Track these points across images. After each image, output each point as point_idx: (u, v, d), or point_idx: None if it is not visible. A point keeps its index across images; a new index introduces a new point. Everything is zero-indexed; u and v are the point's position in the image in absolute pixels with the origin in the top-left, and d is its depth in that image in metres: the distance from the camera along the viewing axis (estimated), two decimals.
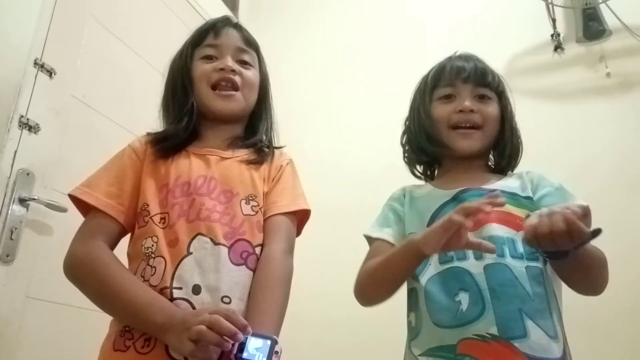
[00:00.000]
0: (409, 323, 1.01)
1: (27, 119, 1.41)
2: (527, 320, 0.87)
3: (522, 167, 1.09)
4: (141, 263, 0.90)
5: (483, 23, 2.21)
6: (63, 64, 1.55)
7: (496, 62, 2.06)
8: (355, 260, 1.06)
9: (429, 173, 1.19)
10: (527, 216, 0.86)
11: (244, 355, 0.75)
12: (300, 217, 1.03)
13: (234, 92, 1.04)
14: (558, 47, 2.05)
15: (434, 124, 1.08)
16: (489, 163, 1.13)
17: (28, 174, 1.39)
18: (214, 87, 1.04)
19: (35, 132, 1.43)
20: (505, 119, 1.09)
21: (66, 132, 1.54)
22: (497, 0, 2.25)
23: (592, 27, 1.99)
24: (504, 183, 1.04)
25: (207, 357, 0.75)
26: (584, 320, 1.66)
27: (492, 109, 1.07)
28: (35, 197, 1.38)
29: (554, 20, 2.07)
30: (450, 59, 1.13)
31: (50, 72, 1.50)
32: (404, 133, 1.17)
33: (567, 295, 1.67)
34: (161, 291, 0.85)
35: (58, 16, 1.54)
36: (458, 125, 1.05)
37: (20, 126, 1.39)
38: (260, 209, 0.98)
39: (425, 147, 1.10)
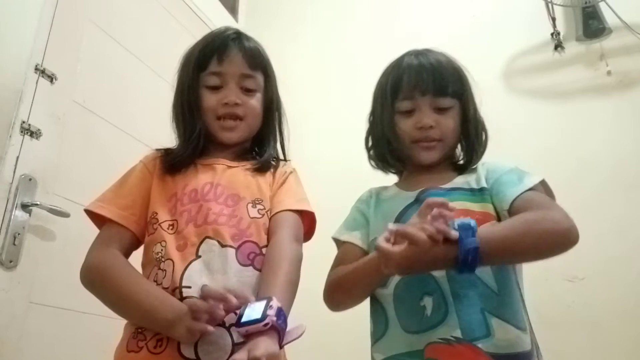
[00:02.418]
0: (370, 329, 1.02)
1: (29, 125, 1.42)
2: (492, 318, 0.88)
3: (520, 167, 1.07)
4: (153, 269, 0.93)
5: (483, 23, 2.21)
6: (64, 69, 1.55)
7: (496, 62, 2.11)
8: None
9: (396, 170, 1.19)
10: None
11: (242, 320, 0.76)
12: (308, 225, 1.05)
13: (236, 123, 1.07)
14: (558, 46, 2.04)
15: (398, 138, 1.09)
16: (455, 160, 1.13)
17: (30, 179, 1.40)
18: (219, 118, 1.07)
19: (36, 138, 1.44)
20: (468, 120, 1.08)
21: (68, 137, 1.54)
22: (496, 0, 2.25)
23: (592, 25, 1.99)
24: (463, 179, 1.05)
25: (203, 330, 0.78)
26: (585, 320, 1.67)
27: (451, 121, 1.06)
28: (38, 203, 1.39)
29: (553, 19, 2.07)
30: (408, 67, 1.10)
31: (51, 78, 1.51)
32: (367, 137, 1.18)
33: (569, 295, 1.69)
34: (172, 292, 0.87)
35: (58, 22, 1.55)
36: (419, 140, 1.07)
37: (21, 132, 1.40)
38: (266, 212, 1.00)
39: (389, 157, 1.13)
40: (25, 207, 1.37)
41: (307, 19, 2.64)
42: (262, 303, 0.77)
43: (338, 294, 1.03)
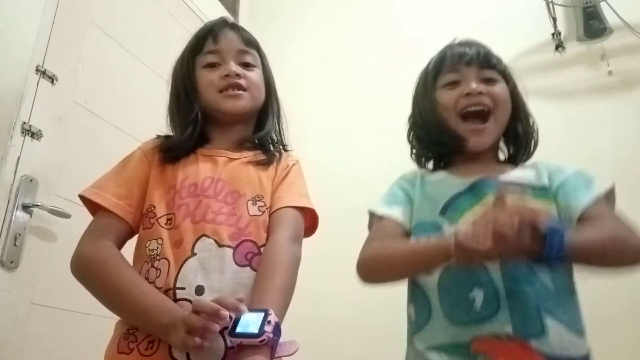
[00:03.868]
0: (409, 316, 0.97)
1: (30, 126, 1.42)
2: (547, 317, 0.84)
3: (585, 170, 1.04)
4: (144, 265, 0.91)
5: (483, 23, 2.20)
6: (65, 70, 1.55)
7: None
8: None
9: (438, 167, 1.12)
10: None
11: (237, 330, 0.75)
12: (311, 220, 1.03)
13: (241, 93, 1.04)
14: (559, 46, 2.04)
15: (442, 111, 1.02)
16: (499, 155, 1.07)
17: (31, 180, 1.40)
18: (221, 91, 1.04)
19: (37, 139, 1.44)
20: (517, 103, 1.03)
21: (69, 138, 1.54)
22: (497, 1, 2.25)
23: (592, 25, 1.99)
24: (520, 174, 0.98)
25: (197, 345, 0.75)
26: (589, 320, 1.66)
27: (501, 90, 1.01)
28: (39, 204, 1.39)
29: (554, 19, 2.07)
30: (450, 46, 1.07)
31: (52, 79, 1.50)
32: (409, 130, 1.12)
33: None
34: (166, 293, 0.86)
35: (59, 23, 1.55)
36: (467, 112, 0.98)
37: (23, 133, 1.40)
38: (267, 209, 0.98)
39: (435, 138, 1.04)
40: (26, 208, 1.37)
41: (307, 20, 2.64)
42: (260, 316, 0.75)
43: (381, 269, 0.95)
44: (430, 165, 1.12)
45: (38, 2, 1.50)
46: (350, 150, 2.24)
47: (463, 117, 1.00)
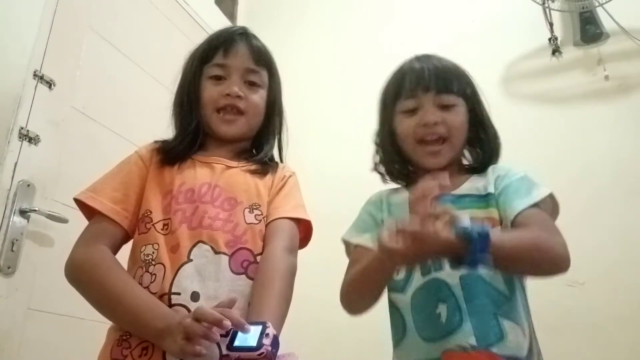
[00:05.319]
0: (391, 331, 1.01)
1: (27, 131, 1.41)
2: (504, 321, 0.89)
3: (530, 175, 1.04)
4: (138, 270, 0.90)
5: (481, 28, 2.21)
6: (62, 75, 1.55)
7: (494, 67, 2.12)
8: None
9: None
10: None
11: (235, 343, 0.75)
12: (305, 232, 1.04)
13: (236, 117, 1.05)
14: (556, 51, 2.04)
15: (401, 139, 1.07)
16: (463, 162, 1.10)
17: (28, 185, 1.40)
18: (219, 110, 1.05)
19: (35, 144, 1.43)
20: (477, 121, 1.06)
21: (66, 143, 1.54)
22: (494, 6, 2.26)
23: (589, 30, 1.99)
24: (471, 185, 1.02)
25: (197, 353, 0.74)
26: (586, 324, 1.67)
27: (457, 117, 1.03)
28: (36, 209, 1.39)
29: (551, 24, 2.07)
30: (409, 63, 1.10)
31: (49, 84, 1.50)
32: (375, 152, 1.15)
33: (572, 299, 1.68)
34: (160, 298, 0.85)
35: (57, 28, 1.55)
36: (424, 140, 1.03)
37: (20, 138, 1.40)
38: (263, 218, 0.98)
39: (396, 164, 1.10)
40: (23, 213, 1.37)
41: (305, 25, 2.64)
42: (257, 329, 0.75)
43: (350, 295, 1.00)
44: (395, 183, 1.15)
45: (36, 8, 1.51)
46: (349, 155, 2.24)
47: (419, 143, 1.04)
